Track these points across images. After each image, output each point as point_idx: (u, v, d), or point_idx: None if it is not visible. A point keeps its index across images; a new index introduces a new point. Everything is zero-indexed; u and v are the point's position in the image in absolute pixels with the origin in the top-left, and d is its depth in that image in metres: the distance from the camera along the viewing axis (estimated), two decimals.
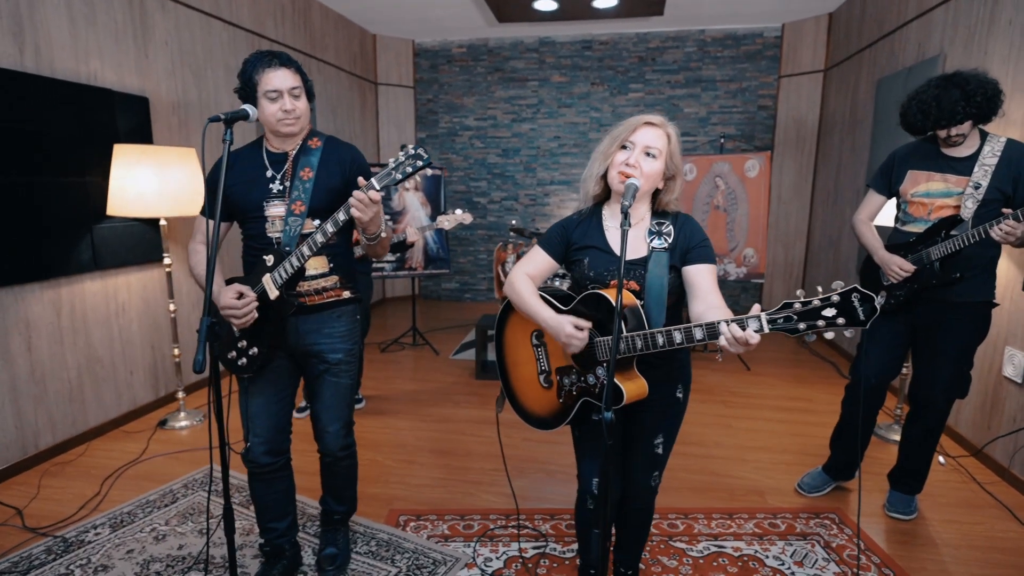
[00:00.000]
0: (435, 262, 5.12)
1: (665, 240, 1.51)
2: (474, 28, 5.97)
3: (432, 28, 6.02)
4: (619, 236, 1.34)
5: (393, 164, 1.55)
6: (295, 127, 1.70)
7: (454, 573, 2.05)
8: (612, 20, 5.59)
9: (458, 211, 3.66)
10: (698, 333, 1.32)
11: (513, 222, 5.54)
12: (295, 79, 1.66)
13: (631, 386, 1.46)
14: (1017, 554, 2.20)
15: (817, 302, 1.20)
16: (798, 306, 1.22)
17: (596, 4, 4.81)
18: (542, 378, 1.67)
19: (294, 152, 1.75)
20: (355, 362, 1.90)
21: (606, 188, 1.58)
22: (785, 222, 5.84)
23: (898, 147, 2.39)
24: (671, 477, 2.66)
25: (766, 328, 1.24)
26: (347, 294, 1.84)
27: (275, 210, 1.71)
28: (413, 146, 1.55)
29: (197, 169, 3.12)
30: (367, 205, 1.55)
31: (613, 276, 1.53)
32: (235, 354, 1.76)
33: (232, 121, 1.48)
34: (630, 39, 6.05)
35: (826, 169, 5.36)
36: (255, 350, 1.73)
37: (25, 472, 2.71)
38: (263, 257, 1.69)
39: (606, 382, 1.28)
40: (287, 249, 1.67)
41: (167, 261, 3.20)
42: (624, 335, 1.41)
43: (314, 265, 1.75)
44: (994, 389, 2.85)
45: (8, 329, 2.66)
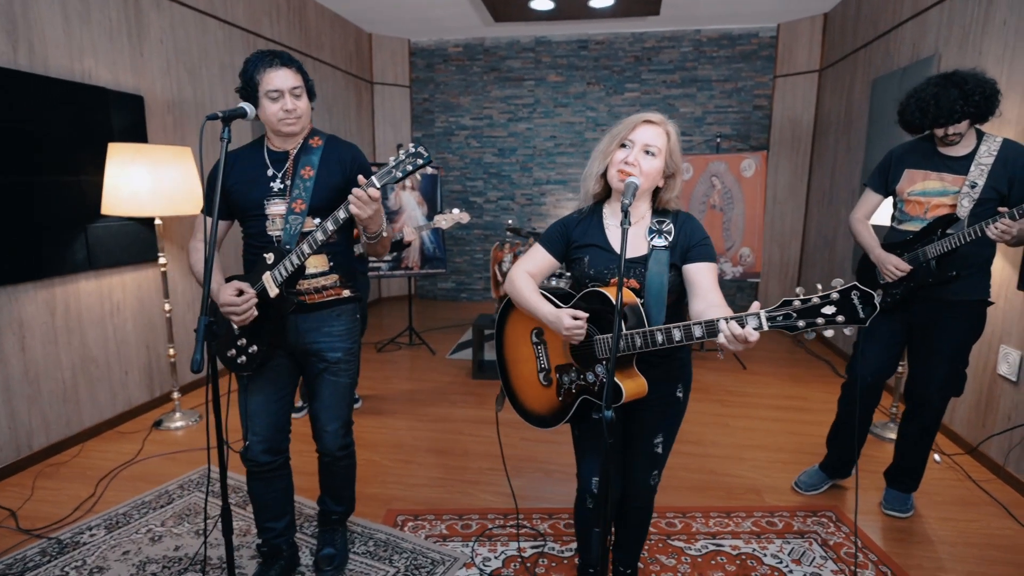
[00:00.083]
0: (431, 261, 5.11)
1: (665, 238, 1.51)
2: (470, 27, 5.96)
3: (428, 27, 6.01)
4: (619, 234, 1.34)
5: (393, 162, 1.55)
6: (296, 127, 1.70)
7: (452, 573, 2.05)
8: (608, 20, 5.60)
9: (455, 210, 3.66)
10: (697, 331, 1.32)
11: (510, 221, 5.54)
12: (296, 79, 1.66)
13: (630, 384, 1.46)
14: (1013, 551, 2.21)
15: (816, 300, 1.20)
16: (797, 304, 1.22)
17: (592, 4, 4.81)
18: (541, 376, 1.67)
19: (295, 151, 1.75)
20: (354, 361, 1.89)
21: (606, 187, 1.58)
22: (780, 222, 5.85)
23: (895, 146, 2.40)
24: (669, 476, 2.67)
25: (765, 326, 1.24)
26: (347, 293, 1.84)
27: (276, 208, 1.71)
28: (413, 144, 1.55)
29: (192, 168, 3.10)
30: (366, 203, 1.55)
31: (613, 274, 1.53)
32: (234, 352, 1.75)
33: (230, 119, 1.48)
34: (626, 39, 6.05)
35: (821, 169, 5.38)
36: (254, 348, 1.72)
37: (19, 473, 2.69)
38: (263, 255, 1.69)
39: (606, 380, 1.28)
40: (287, 247, 1.67)
41: (162, 261, 3.18)
42: (623, 333, 1.41)
43: (314, 263, 1.75)
44: (989, 387, 2.87)
45: (1, 329, 2.63)
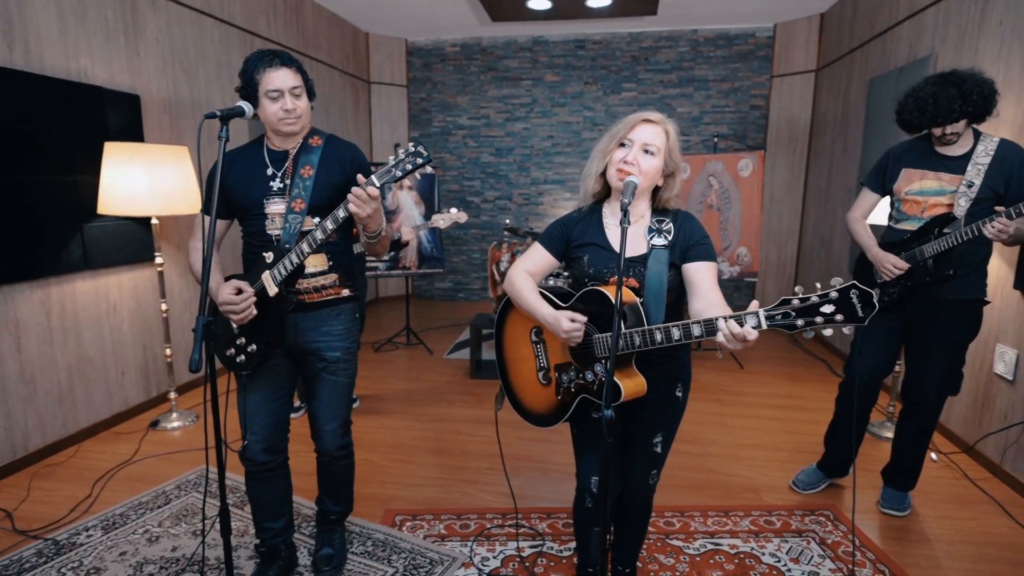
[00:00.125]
0: (429, 261, 5.11)
1: (665, 237, 1.51)
2: (467, 27, 5.96)
3: (425, 27, 6.00)
4: (619, 233, 1.34)
5: (393, 161, 1.55)
6: (296, 126, 1.70)
7: (451, 573, 2.04)
8: (605, 20, 5.60)
9: (453, 210, 3.66)
10: (696, 330, 1.32)
11: (507, 221, 5.53)
12: (296, 78, 1.66)
13: (629, 383, 1.45)
14: (1010, 549, 2.22)
15: (815, 299, 1.20)
16: (796, 302, 1.22)
17: (590, 3, 4.81)
18: (541, 375, 1.67)
19: (295, 150, 1.75)
20: (353, 360, 1.89)
21: (606, 186, 1.58)
22: (777, 221, 5.87)
23: (892, 145, 2.41)
24: (667, 475, 2.66)
25: (764, 324, 1.24)
26: (346, 292, 1.84)
27: (275, 207, 1.71)
28: (413, 144, 1.55)
29: (189, 167, 3.09)
30: (365, 201, 1.54)
31: (612, 273, 1.53)
32: (234, 351, 1.75)
33: (228, 118, 1.47)
34: (623, 38, 6.06)
35: (818, 169, 5.39)
36: (253, 347, 1.72)
37: (15, 474, 2.68)
38: (263, 254, 1.69)
39: (605, 379, 1.28)
40: (287, 246, 1.67)
41: (159, 260, 3.16)
42: (623, 332, 1.41)
43: (313, 263, 1.75)
44: (985, 386, 2.88)
45: None
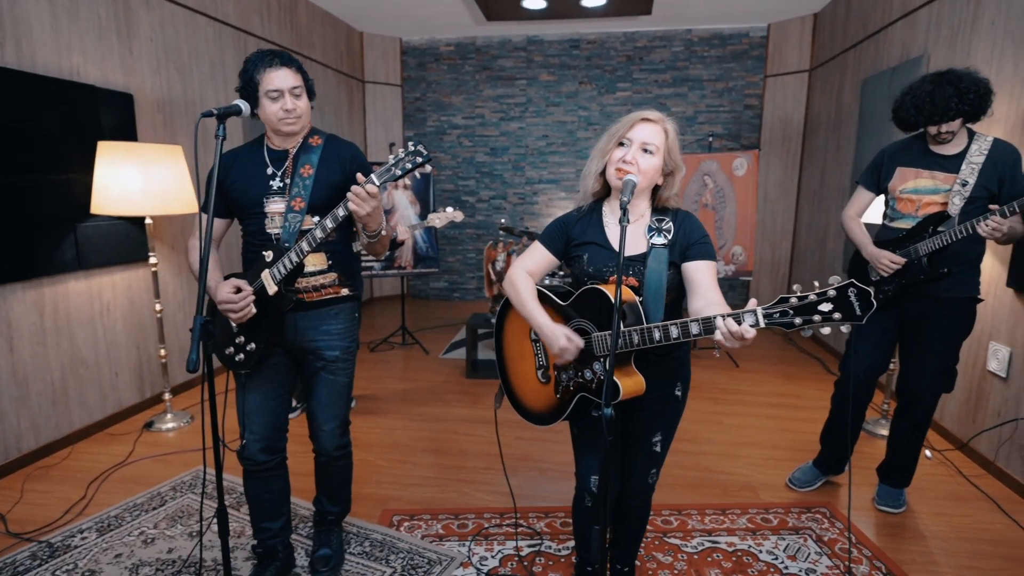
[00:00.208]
0: (424, 261, 5.10)
1: (665, 236, 1.51)
2: (462, 26, 5.95)
3: (419, 26, 5.99)
4: (618, 232, 1.34)
5: (393, 160, 1.55)
6: (296, 126, 1.70)
7: (449, 572, 2.04)
8: (600, 19, 5.61)
9: (449, 209, 3.65)
10: (694, 328, 1.32)
11: (503, 221, 5.53)
12: (296, 78, 1.67)
13: (628, 382, 1.46)
14: (1004, 545, 2.24)
15: (813, 297, 1.20)
16: (794, 301, 1.22)
17: (584, 3, 4.81)
18: (540, 373, 1.67)
19: (295, 150, 1.75)
20: (352, 360, 1.89)
21: (605, 185, 1.58)
22: (771, 220, 5.89)
23: (887, 144, 2.43)
24: (664, 473, 2.65)
25: (762, 323, 1.24)
26: (345, 291, 1.83)
27: (275, 206, 1.71)
28: (412, 143, 1.55)
29: (183, 167, 3.07)
30: (364, 200, 1.54)
31: (612, 272, 1.53)
32: (232, 350, 1.74)
33: (225, 117, 1.47)
34: (618, 38, 6.07)
35: (811, 168, 5.42)
36: (252, 346, 1.71)
37: (7, 476, 2.65)
38: (262, 253, 1.69)
39: (604, 377, 1.27)
40: (286, 245, 1.67)
41: (152, 260, 3.14)
42: (621, 330, 1.41)
43: (313, 262, 1.74)
44: (979, 384, 2.90)
45: None
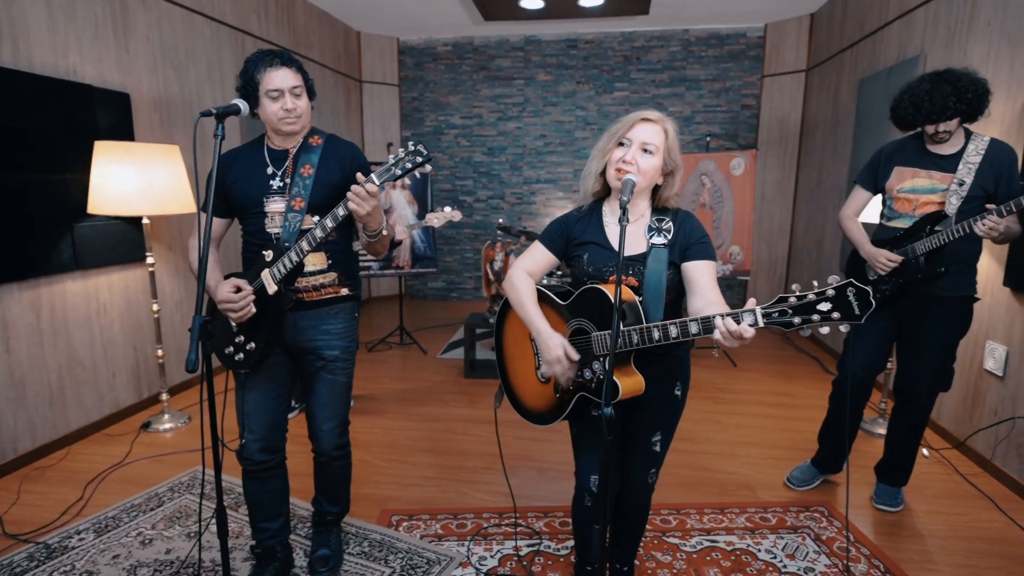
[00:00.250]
0: (422, 261, 5.09)
1: (665, 236, 1.51)
2: (459, 26, 5.94)
3: (417, 26, 5.98)
4: (618, 232, 1.34)
5: (393, 160, 1.55)
6: (296, 125, 1.70)
7: (448, 572, 2.04)
8: (597, 19, 5.61)
9: (447, 208, 3.65)
10: (693, 327, 1.32)
11: (500, 220, 5.53)
12: (296, 78, 1.67)
13: (628, 381, 1.46)
14: (1001, 543, 2.25)
15: (812, 296, 1.20)
16: (793, 300, 1.22)
17: (582, 3, 4.81)
18: (539, 373, 1.67)
19: (295, 149, 1.75)
20: (352, 360, 1.88)
21: (605, 185, 1.58)
22: (768, 220, 5.90)
23: (884, 144, 2.43)
24: (663, 472, 2.61)
25: (760, 322, 1.24)
26: (345, 291, 1.83)
27: (275, 206, 1.71)
28: (412, 142, 1.54)
29: (181, 166, 3.06)
30: (364, 199, 1.54)
31: (612, 272, 1.53)
32: (232, 349, 1.74)
33: (223, 116, 1.47)
34: (615, 38, 6.07)
35: (808, 168, 5.43)
36: (252, 345, 1.71)
37: (4, 477, 2.64)
38: (262, 253, 1.69)
39: (603, 377, 1.27)
40: (286, 244, 1.67)
41: (150, 260, 3.13)
42: (621, 330, 1.41)
43: (313, 261, 1.74)
44: (975, 383, 2.91)
45: None
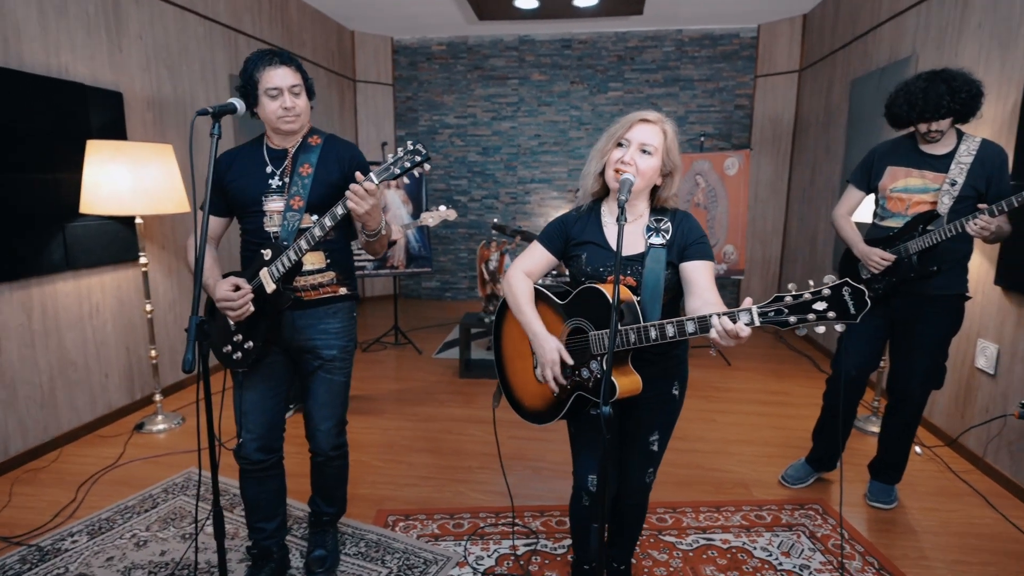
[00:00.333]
0: (417, 260, 5.09)
1: (663, 236, 1.51)
2: (454, 25, 5.94)
3: (411, 25, 5.97)
4: (616, 231, 1.34)
5: (392, 159, 1.55)
6: (295, 124, 1.70)
7: (445, 572, 2.04)
8: (592, 19, 5.62)
9: (442, 207, 3.65)
10: (690, 326, 1.33)
11: (495, 220, 5.53)
12: (295, 77, 1.67)
13: (625, 381, 1.46)
14: (993, 539, 2.27)
15: (808, 296, 1.21)
16: (789, 299, 1.23)
17: (576, 2, 4.82)
18: (537, 372, 1.67)
19: (294, 149, 1.75)
20: (350, 360, 1.88)
21: (605, 185, 1.58)
22: (762, 220, 5.93)
23: (877, 144, 2.45)
24: (658, 471, 2.68)
25: (757, 321, 1.25)
26: (344, 291, 1.83)
27: (273, 205, 1.71)
28: (412, 141, 1.55)
29: (174, 166, 3.04)
30: (363, 197, 1.54)
31: (610, 272, 1.53)
32: (230, 348, 1.74)
33: (220, 115, 1.47)
34: (609, 38, 6.08)
35: (801, 168, 5.46)
36: (250, 344, 1.71)
37: None
38: (261, 251, 1.68)
39: (600, 376, 1.27)
40: (285, 243, 1.66)
41: (143, 260, 3.11)
42: (618, 329, 1.41)
43: (311, 260, 1.74)
44: (967, 381, 2.94)
45: None
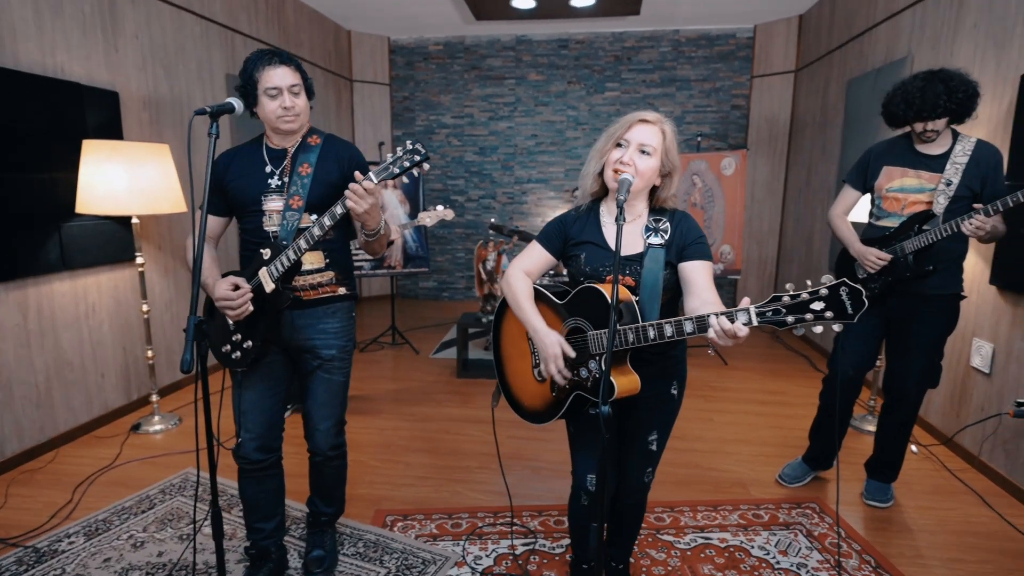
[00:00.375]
0: (414, 260, 5.08)
1: (662, 237, 1.52)
2: (451, 25, 5.94)
3: (408, 25, 5.97)
4: (615, 231, 1.34)
5: (391, 159, 1.55)
6: (295, 124, 1.71)
7: (444, 572, 2.04)
8: (589, 19, 5.62)
9: (439, 207, 3.65)
10: (688, 326, 1.33)
11: (492, 220, 5.53)
12: (295, 76, 1.67)
13: (623, 380, 1.46)
14: (989, 537, 2.28)
15: (806, 296, 1.21)
16: (787, 299, 1.23)
17: (573, 3, 4.82)
18: (536, 372, 1.67)
19: (293, 148, 1.76)
20: (349, 359, 1.88)
21: (604, 185, 1.59)
22: (758, 220, 5.94)
23: (873, 144, 2.46)
24: (656, 470, 2.69)
25: (755, 321, 1.25)
26: (343, 290, 1.84)
27: (273, 204, 1.71)
28: (412, 141, 1.55)
29: (170, 165, 3.03)
30: (362, 196, 1.54)
31: (609, 271, 1.53)
32: (229, 347, 1.74)
33: (218, 115, 1.47)
34: (606, 38, 6.09)
35: (797, 168, 5.48)
36: (249, 343, 1.71)
37: None
38: (260, 251, 1.68)
39: (599, 376, 1.27)
40: (284, 243, 1.66)
41: (139, 260, 3.10)
42: (617, 329, 1.42)
43: (310, 260, 1.74)
44: (963, 380, 2.95)
45: None
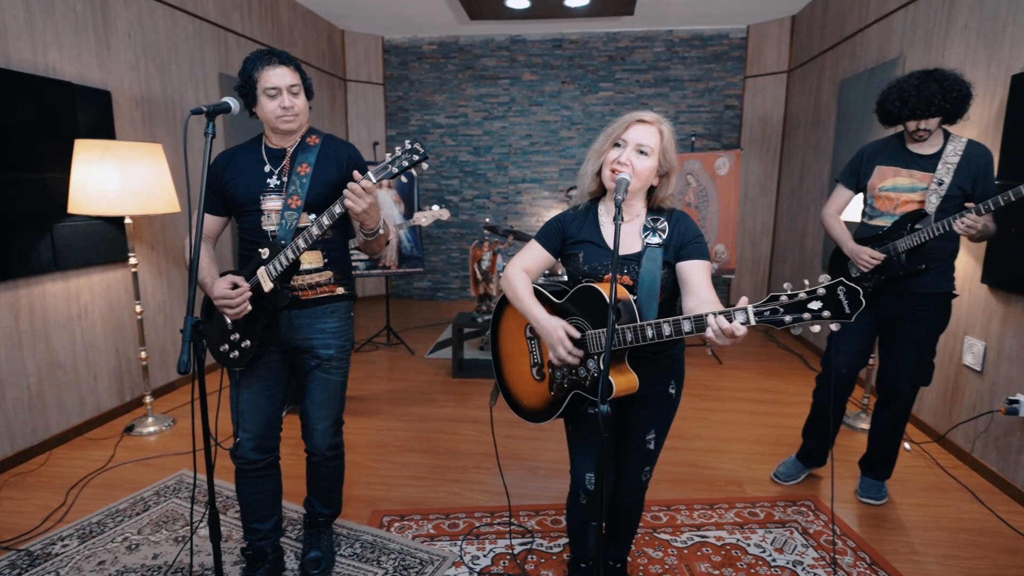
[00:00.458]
0: (409, 260, 5.07)
1: (660, 236, 1.52)
2: (445, 25, 5.93)
3: (402, 24, 5.96)
4: (613, 231, 1.35)
5: (390, 158, 1.55)
6: (294, 124, 1.71)
7: (441, 572, 2.04)
8: (583, 19, 5.64)
9: (435, 207, 3.64)
10: (686, 325, 1.34)
11: (487, 220, 5.53)
12: (294, 76, 1.67)
13: (622, 380, 1.47)
14: (982, 533, 2.30)
15: (803, 295, 1.22)
16: (784, 299, 1.24)
17: (567, 3, 4.83)
18: (535, 371, 1.68)
19: (292, 148, 1.75)
20: (347, 359, 1.88)
21: (602, 185, 1.59)
22: (752, 219, 5.98)
23: (866, 144, 2.48)
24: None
25: (752, 320, 1.26)
26: (341, 290, 1.83)
27: (271, 204, 1.71)
28: (410, 140, 1.55)
29: (163, 165, 3.01)
30: (360, 195, 1.54)
31: (607, 270, 1.54)
32: (227, 347, 1.73)
33: (214, 114, 1.46)
34: (600, 38, 6.10)
35: (790, 167, 5.51)
36: (247, 343, 1.70)
37: None
38: (259, 250, 1.68)
39: (597, 375, 1.28)
40: (282, 242, 1.66)
41: (132, 261, 3.08)
42: (615, 328, 1.42)
43: (309, 260, 1.74)
44: (955, 378, 2.98)
45: None
